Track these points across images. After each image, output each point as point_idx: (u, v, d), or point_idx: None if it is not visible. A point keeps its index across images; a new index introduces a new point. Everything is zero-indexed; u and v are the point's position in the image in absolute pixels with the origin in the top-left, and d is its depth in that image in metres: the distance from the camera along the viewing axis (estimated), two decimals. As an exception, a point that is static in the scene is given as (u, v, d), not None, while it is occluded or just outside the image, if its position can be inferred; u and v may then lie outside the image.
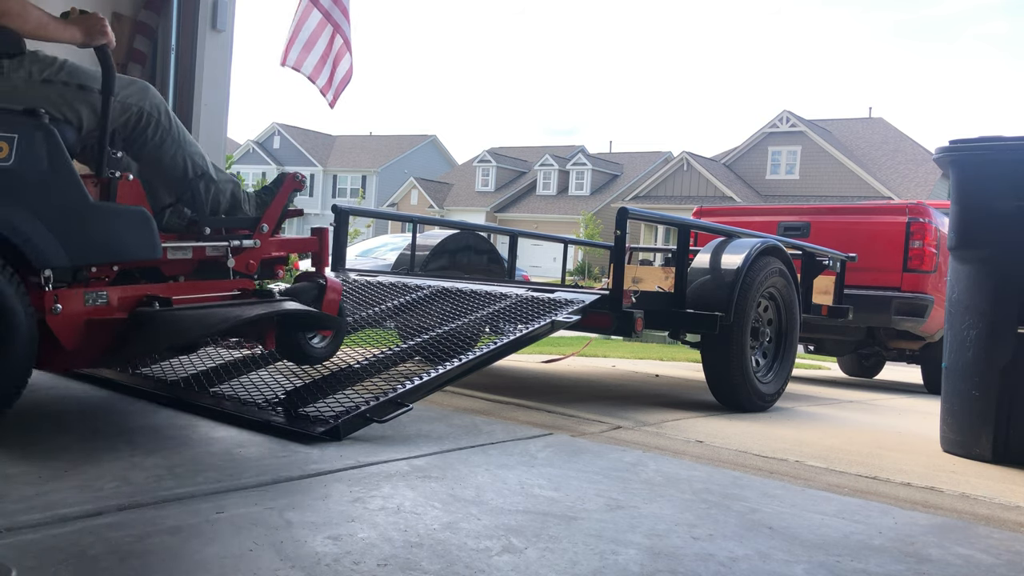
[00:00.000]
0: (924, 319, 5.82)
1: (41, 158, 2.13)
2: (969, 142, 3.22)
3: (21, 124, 2.10)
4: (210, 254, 2.66)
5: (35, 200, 2.11)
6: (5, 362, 2.03)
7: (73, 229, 2.18)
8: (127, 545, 1.48)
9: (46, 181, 2.14)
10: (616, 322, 3.50)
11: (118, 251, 2.32)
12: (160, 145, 2.55)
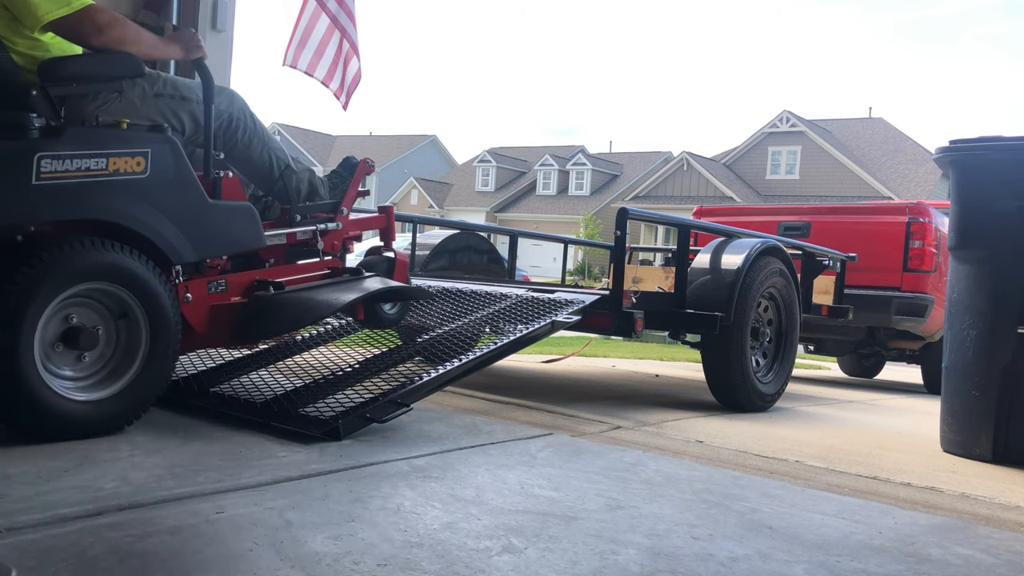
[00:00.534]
0: (924, 319, 5.82)
1: (169, 168, 2.41)
2: (969, 142, 3.22)
3: (152, 140, 2.39)
4: (300, 238, 2.97)
5: (167, 205, 2.40)
6: (161, 349, 2.36)
7: (197, 227, 2.48)
8: (127, 545, 1.48)
9: (174, 187, 2.42)
10: (616, 322, 3.50)
11: (233, 243, 2.64)
12: (248, 145, 2.83)
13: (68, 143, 2.19)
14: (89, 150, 2.23)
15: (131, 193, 2.31)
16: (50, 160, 2.15)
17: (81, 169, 2.21)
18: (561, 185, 41.84)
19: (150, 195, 2.35)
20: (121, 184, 2.29)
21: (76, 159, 2.20)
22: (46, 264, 2.11)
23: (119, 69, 2.40)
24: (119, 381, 2.30)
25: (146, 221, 2.34)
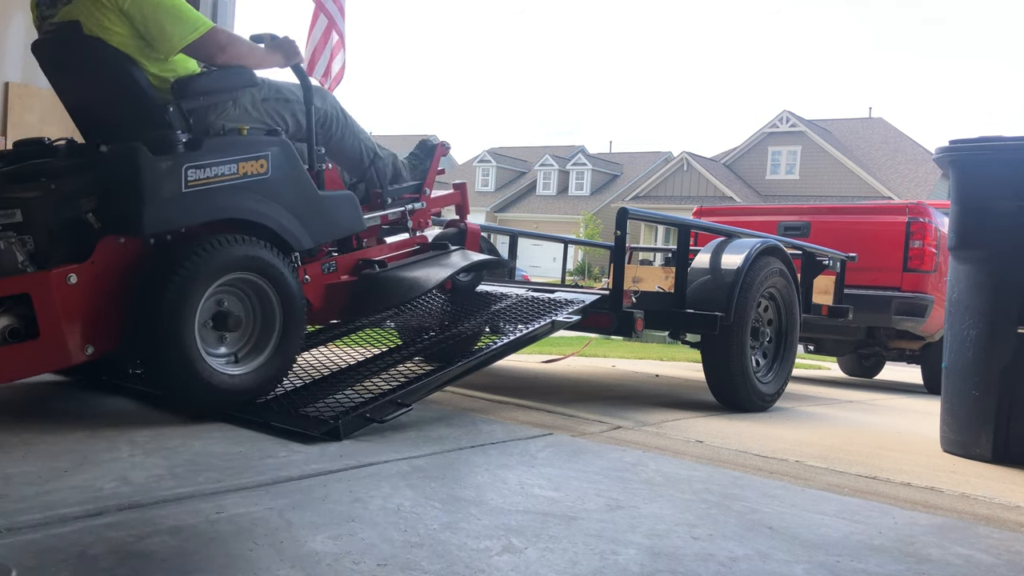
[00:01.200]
0: (924, 319, 5.82)
1: (285, 166, 2.74)
2: (969, 142, 3.21)
3: (270, 143, 2.71)
4: (391, 219, 3.33)
5: (286, 200, 2.73)
6: (292, 327, 2.67)
7: (311, 217, 2.81)
8: (127, 545, 1.48)
9: (291, 183, 2.75)
10: (616, 322, 3.50)
11: (340, 228, 2.98)
12: (342, 138, 3.15)
13: (206, 154, 2.50)
14: (222, 158, 2.55)
15: (257, 192, 2.65)
16: (194, 170, 2.47)
17: (218, 175, 2.53)
18: (561, 185, 41.83)
19: (272, 192, 2.69)
20: (249, 185, 2.62)
21: (213, 167, 2.52)
22: (201, 259, 2.42)
23: (238, 81, 2.72)
24: (260, 356, 2.63)
25: (271, 216, 2.68)
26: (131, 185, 2.36)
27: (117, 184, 2.39)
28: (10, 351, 2.23)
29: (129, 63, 2.54)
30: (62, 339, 2.30)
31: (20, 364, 2.27)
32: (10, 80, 4.61)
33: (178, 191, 2.43)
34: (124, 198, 2.38)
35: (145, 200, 2.36)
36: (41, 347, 2.28)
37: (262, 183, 2.66)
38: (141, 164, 2.36)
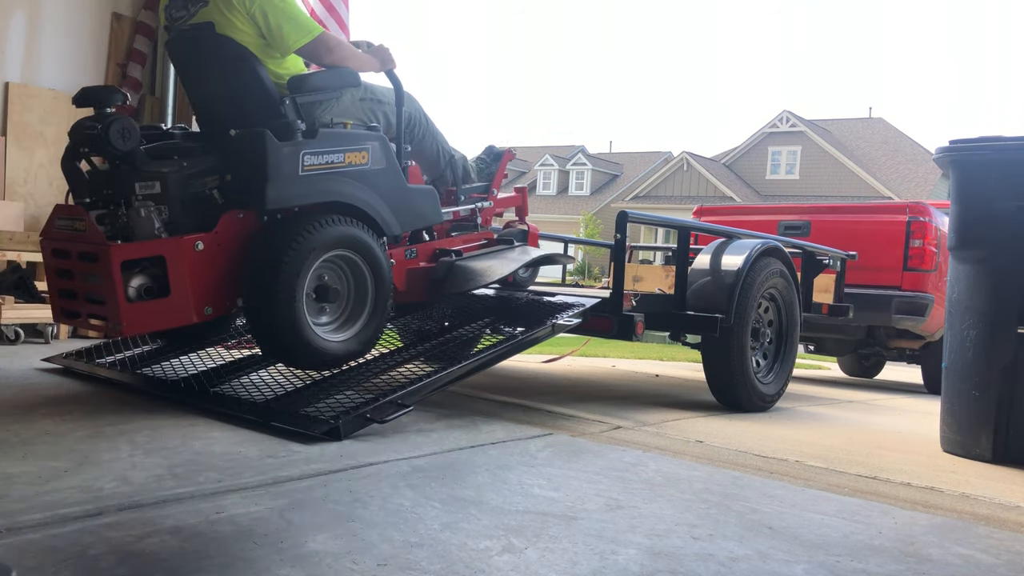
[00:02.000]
0: (924, 318, 5.82)
1: (381, 159, 3.04)
2: (969, 142, 3.21)
3: (370, 137, 3.02)
4: (462, 215, 3.64)
5: (381, 189, 3.02)
6: (382, 302, 2.98)
7: (400, 206, 3.11)
8: (127, 545, 1.48)
9: (385, 175, 3.05)
10: (617, 325, 3.49)
11: (422, 219, 3.28)
12: (423, 139, 3.44)
13: (319, 142, 2.80)
14: (333, 147, 2.85)
15: (359, 180, 2.94)
16: (310, 156, 2.78)
17: (329, 162, 2.84)
18: (561, 185, 41.81)
19: (371, 181, 2.99)
20: (352, 173, 2.92)
21: (325, 154, 2.83)
22: (310, 237, 2.70)
23: (344, 81, 3.01)
24: (354, 326, 2.93)
25: (369, 202, 2.97)
26: (258, 165, 2.66)
27: (245, 164, 2.70)
28: (144, 306, 2.54)
29: (253, 60, 2.84)
30: (188, 298, 2.61)
31: (152, 318, 2.58)
32: (10, 80, 4.61)
33: (296, 173, 2.74)
34: (250, 176, 2.69)
35: (269, 179, 2.67)
36: (170, 304, 2.59)
37: (363, 173, 2.96)
38: (268, 147, 2.66)
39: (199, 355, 3.41)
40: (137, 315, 2.52)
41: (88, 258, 2.57)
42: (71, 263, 2.66)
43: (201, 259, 2.62)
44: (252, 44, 2.84)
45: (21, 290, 4.27)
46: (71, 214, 2.65)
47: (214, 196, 2.73)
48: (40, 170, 4.71)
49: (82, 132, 2.68)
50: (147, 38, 5.07)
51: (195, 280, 2.61)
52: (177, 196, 2.65)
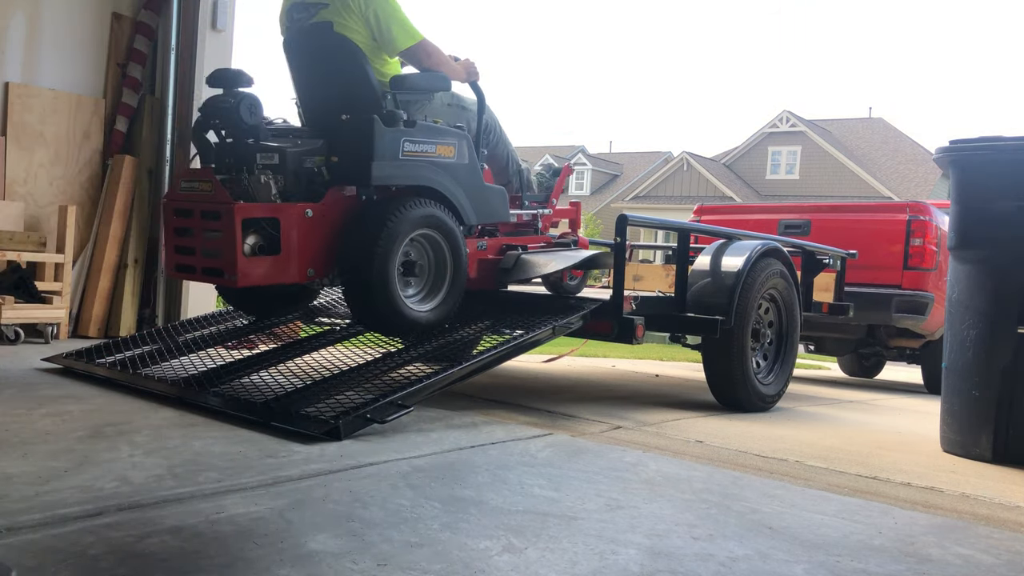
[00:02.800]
0: (924, 317, 5.82)
1: (466, 156, 3.37)
2: (969, 142, 3.21)
3: (457, 135, 3.35)
4: (525, 218, 3.95)
5: (463, 182, 3.34)
6: (458, 281, 3.28)
7: (478, 200, 3.42)
8: (127, 545, 1.48)
9: (468, 170, 3.38)
10: (617, 328, 3.50)
11: (493, 215, 3.57)
12: (495, 146, 3.77)
13: (417, 133, 3.14)
14: (427, 138, 3.18)
15: (446, 171, 3.26)
16: (409, 143, 3.10)
17: (424, 151, 3.17)
18: (561, 185, 41.75)
19: (455, 173, 3.30)
20: (442, 164, 3.24)
21: (421, 144, 3.16)
22: (403, 215, 3.01)
23: (438, 84, 3.36)
24: (435, 299, 3.22)
25: (453, 191, 3.28)
26: (366, 145, 2.98)
27: (353, 145, 3.02)
28: (257, 261, 2.82)
29: (362, 58, 3.17)
30: (295, 259, 2.90)
31: (262, 273, 2.85)
32: (10, 80, 4.61)
33: (397, 156, 3.07)
34: (358, 156, 3.00)
35: (375, 157, 2.98)
36: (279, 262, 2.87)
37: (450, 165, 3.28)
38: (375, 130, 2.99)
39: (199, 355, 3.41)
40: (250, 269, 2.81)
41: (211, 216, 2.85)
42: (192, 221, 2.94)
43: (309, 225, 2.94)
44: (363, 44, 3.19)
45: (21, 290, 4.27)
46: (197, 176, 2.95)
47: (322, 172, 3.05)
48: (40, 170, 4.71)
49: (216, 106, 2.96)
50: (147, 38, 5.07)
51: (302, 243, 2.92)
52: (292, 169, 2.97)
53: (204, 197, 2.89)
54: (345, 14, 3.15)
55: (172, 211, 3.02)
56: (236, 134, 2.96)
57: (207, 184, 2.88)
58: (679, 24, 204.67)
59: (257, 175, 2.90)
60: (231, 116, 2.90)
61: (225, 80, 2.98)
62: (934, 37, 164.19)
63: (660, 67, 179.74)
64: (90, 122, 4.92)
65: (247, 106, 2.91)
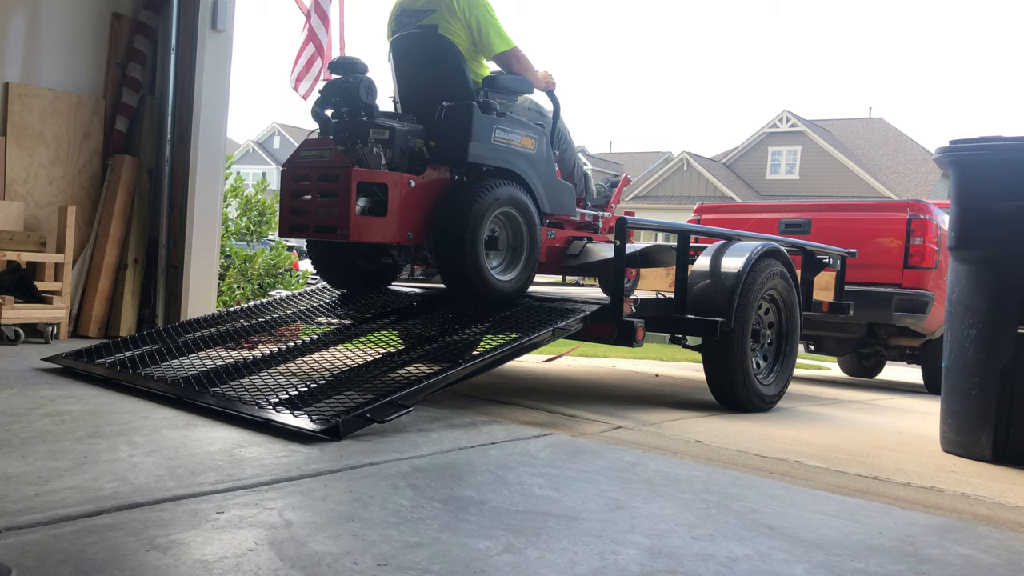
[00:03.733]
0: (925, 315, 5.82)
1: (544, 150, 3.80)
2: (969, 142, 3.21)
3: (539, 131, 3.78)
4: (586, 219, 4.31)
5: (541, 172, 3.76)
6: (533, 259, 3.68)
7: (551, 191, 3.82)
8: (127, 545, 1.48)
9: (544, 162, 3.80)
10: (617, 331, 3.50)
11: (562, 208, 3.93)
12: (565, 151, 4.12)
13: (506, 123, 3.59)
14: (515, 129, 3.63)
15: (528, 160, 3.69)
16: (499, 130, 3.55)
17: (510, 139, 3.60)
18: (561, 185, 41.77)
19: (534, 163, 3.73)
20: (524, 153, 3.67)
21: (509, 132, 3.60)
22: (491, 193, 3.42)
23: (524, 87, 3.77)
24: (513, 272, 3.63)
25: (532, 178, 3.69)
26: (464, 128, 3.41)
27: (452, 128, 3.45)
28: (366, 219, 3.23)
29: (462, 58, 3.60)
30: (398, 221, 3.31)
31: (370, 231, 3.24)
32: (10, 80, 4.61)
33: (490, 140, 3.50)
34: (456, 137, 3.43)
35: (472, 139, 3.42)
36: (384, 223, 3.28)
37: (531, 155, 3.71)
38: (474, 115, 3.43)
39: (199, 355, 3.41)
40: (360, 226, 3.19)
41: (329, 179, 3.22)
42: (309, 185, 3.31)
43: (411, 194, 3.36)
44: (463, 46, 3.63)
45: (21, 290, 4.27)
46: (318, 146, 3.34)
47: (423, 151, 3.50)
48: (40, 170, 4.71)
49: (337, 87, 3.41)
50: (147, 38, 5.07)
51: (404, 208, 3.33)
52: (399, 145, 3.41)
53: (323, 163, 3.26)
54: (450, 19, 3.63)
55: (290, 176, 3.37)
56: (354, 111, 3.40)
57: (327, 151, 3.27)
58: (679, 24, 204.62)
59: (370, 147, 3.34)
60: (351, 95, 3.36)
61: (345, 66, 3.43)
62: (934, 37, 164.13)
63: (660, 67, 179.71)
64: (90, 122, 4.92)
65: (365, 87, 3.36)
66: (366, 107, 3.39)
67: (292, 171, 3.38)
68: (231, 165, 6.88)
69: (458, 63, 3.59)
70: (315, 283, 4.80)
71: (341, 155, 3.22)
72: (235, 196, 7.20)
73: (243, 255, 6.70)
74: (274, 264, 6.83)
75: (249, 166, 46.12)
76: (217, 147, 5.03)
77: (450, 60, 3.59)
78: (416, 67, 3.78)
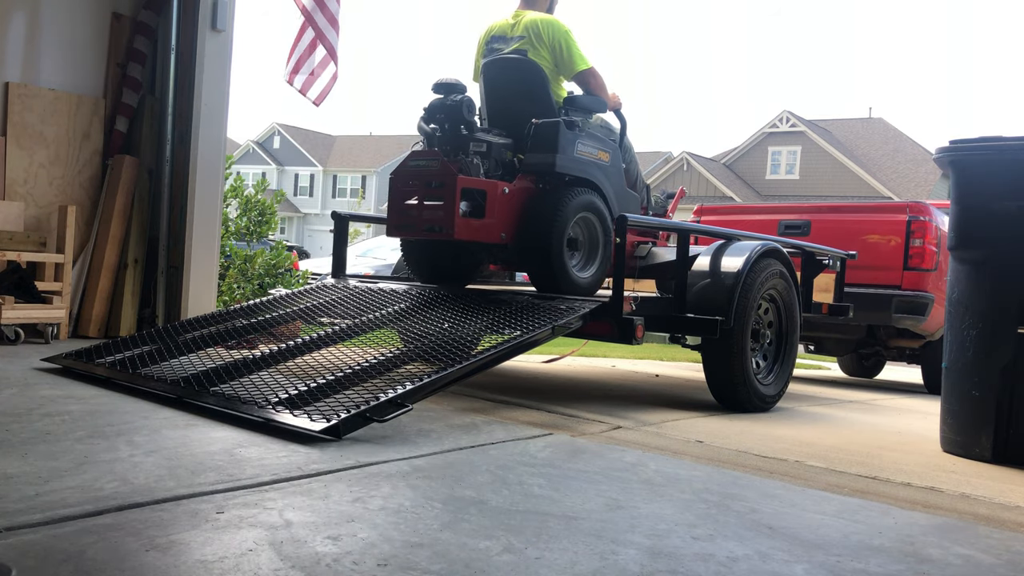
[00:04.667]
0: (924, 317, 5.82)
1: (616, 162, 4.19)
2: (969, 142, 3.21)
3: (612, 146, 4.19)
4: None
5: (612, 182, 4.13)
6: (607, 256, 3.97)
7: (620, 200, 4.16)
8: (127, 545, 1.48)
9: (616, 174, 4.19)
10: (616, 329, 3.50)
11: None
12: (630, 163, 4.46)
13: (586, 138, 3.97)
14: (593, 143, 4.02)
15: (603, 171, 4.05)
16: (581, 144, 3.93)
17: (589, 152, 3.98)
18: (561, 185, 41.73)
19: (608, 174, 4.08)
20: (600, 165, 4.04)
21: (588, 146, 3.97)
22: (573, 199, 3.80)
23: (599, 106, 4.17)
24: (590, 269, 3.94)
25: (607, 187, 4.05)
26: (552, 142, 3.80)
27: (541, 142, 3.84)
28: (468, 221, 3.62)
29: (547, 81, 4.01)
30: (494, 224, 3.69)
31: (471, 231, 3.63)
32: (10, 80, 4.61)
33: (573, 153, 3.87)
34: (545, 150, 3.82)
35: (559, 151, 3.80)
36: (483, 224, 3.66)
37: (605, 167, 4.07)
38: (561, 131, 3.82)
39: (199, 355, 3.41)
40: (463, 227, 3.57)
41: (436, 184, 3.59)
42: (417, 190, 3.68)
43: (504, 199, 3.72)
44: (547, 69, 4.04)
45: (21, 290, 4.27)
46: (425, 156, 3.73)
47: (513, 163, 3.92)
48: (40, 170, 4.71)
49: (441, 105, 3.81)
50: (147, 38, 5.07)
51: (500, 212, 3.70)
52: (494, 156, 3.86)
53: (430, 171, 3.64)
54: (537, 45, 4.06)
55: (399, 183, 3.75)
56: (455, 126, 3.80)
57: (434, 161, 3.65)
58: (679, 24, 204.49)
59: (471, 158, 3.74)
60: (455, 113, 3.77)
61: (447, 87, 3.84)
62: (934, 37, 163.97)
63: (660, 67, 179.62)
64: (90, 122, 4.91)
65: (467, 105, 3.77)
66: (467, 123, 3.80)
67: (401, 178, 3.75)
68: (231, 165, 6.88)
69: (544, 84, 4.02)
70: (315, 283, 4.80)
71: (447, 164, 3.60)
72: (235, 196, 7.20)
73: (243, 255, 6.70)
74: (274, 264, 6.83)
75: (249, 166, 46.12)
76: (217, 147, 5.03)
77: (537, 81, 4.02)
78: (506, 87, 4.18)
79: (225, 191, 6.26)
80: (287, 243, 8.49)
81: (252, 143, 50.54)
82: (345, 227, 4.73)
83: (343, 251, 4.70)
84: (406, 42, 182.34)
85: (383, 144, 51.02)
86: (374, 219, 5.58)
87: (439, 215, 3.58)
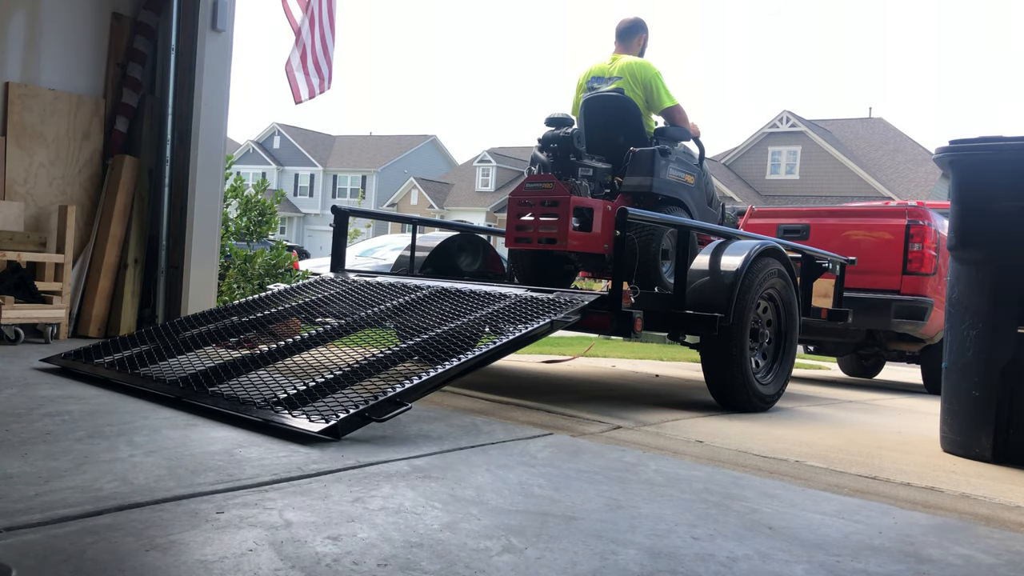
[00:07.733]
0: (924, 322, 5.82)
1: (700, 184, 4.78)
2: (969, 142, 3.21)
3: (696, 169, 4.77)
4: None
5: (696, 201, 4.69)
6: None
7: (703, 216, 4.75)
8: (127, 545, 1.48)
9: (700, 193, 4.77)
10: (615, 322, 3.50)
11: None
12: (707, 185, 4.95)
13: (676, 163, 4.55)
14: (681, 167, 4.60)
15: (688, 191, 4.62)
16: (672, 169, 4.51)
17: (678, 176, 4.56)
18: (561, 185, 41.66)
19: (692, 194, 4.66)
20: (686, 186, 4.62)
21: (677, 170, 4.56)
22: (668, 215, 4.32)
23: (684, 136, 4.71)
24: None
25: (691, 206, 4.61)
26: (648, 168, 4.40)
27: (638, 167, 4.43)
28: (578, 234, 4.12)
29: (640, 114, 4.62)
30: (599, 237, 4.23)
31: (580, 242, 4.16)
32: (10, 80, 4.61)
33: (666, 177, 4.46)
34: (642, 174, 4.42)
35: (655, 175, 4.40)
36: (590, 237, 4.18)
37: (690, 187, 4.64)
38: (655, 157, 4.42)
39: (199, 354, 3.41)
40: (574, 239, 4.09)
41: (551, 203, 4.12)
42: (534, 209, 4.20)
43: (607, 216, 4.19)
44: (640, 104, 4.63)
45: (21, 290, 4.27)
46: (540, 180, 4.25)
47: (613, 185, 4.54)
48: (40, 170, 4.71)
49: (554, 136, 4.43)
50: (147, 38, 5.07)
51: (604, 227, 4.20)
52: (598, 180, 4.47)
53: (546, 192, 4.17)
54: (632, 83, 4.65)
55: (517, 202, 4.27)
56: (565, 153, 4.39)
57: (549, 184, 4.18)
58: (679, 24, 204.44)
59: (580, 180, 4.33)
60: (567, 142, 4.38)
61: (558, 121, 4.46)
62: (934, 37, 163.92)
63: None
64: (90, 122, 4.91)
65: (576, 136, 4.35)
66: (576, 152, 4.37)
67: (519, 198, 4.28)
68: (231, 165, 6.87)
69: (637, 118, 4.62)
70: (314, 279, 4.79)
71: (562, 186, 4.15)
72: (235, 196, 7.20)
73: (243, 255, 6.70)
74: (274, 264, 6.83)
75: (249, 166, 46.13)
76: (217, 147, 5.03)
77: (633, 115, 4.63)
78: (605, 120, 4.74)
79: (225, 191, 6.26)
80: (287, 243, 8.49)
81: (252, 143, 50.54)
82: (345, 221, 4.74)
83: (343, 245, 4.71)
84: (406, 39, 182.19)
85: (383, 144, 51.01)
86: (374, 215, 5.57)
87: (553, 230, 4.11)
